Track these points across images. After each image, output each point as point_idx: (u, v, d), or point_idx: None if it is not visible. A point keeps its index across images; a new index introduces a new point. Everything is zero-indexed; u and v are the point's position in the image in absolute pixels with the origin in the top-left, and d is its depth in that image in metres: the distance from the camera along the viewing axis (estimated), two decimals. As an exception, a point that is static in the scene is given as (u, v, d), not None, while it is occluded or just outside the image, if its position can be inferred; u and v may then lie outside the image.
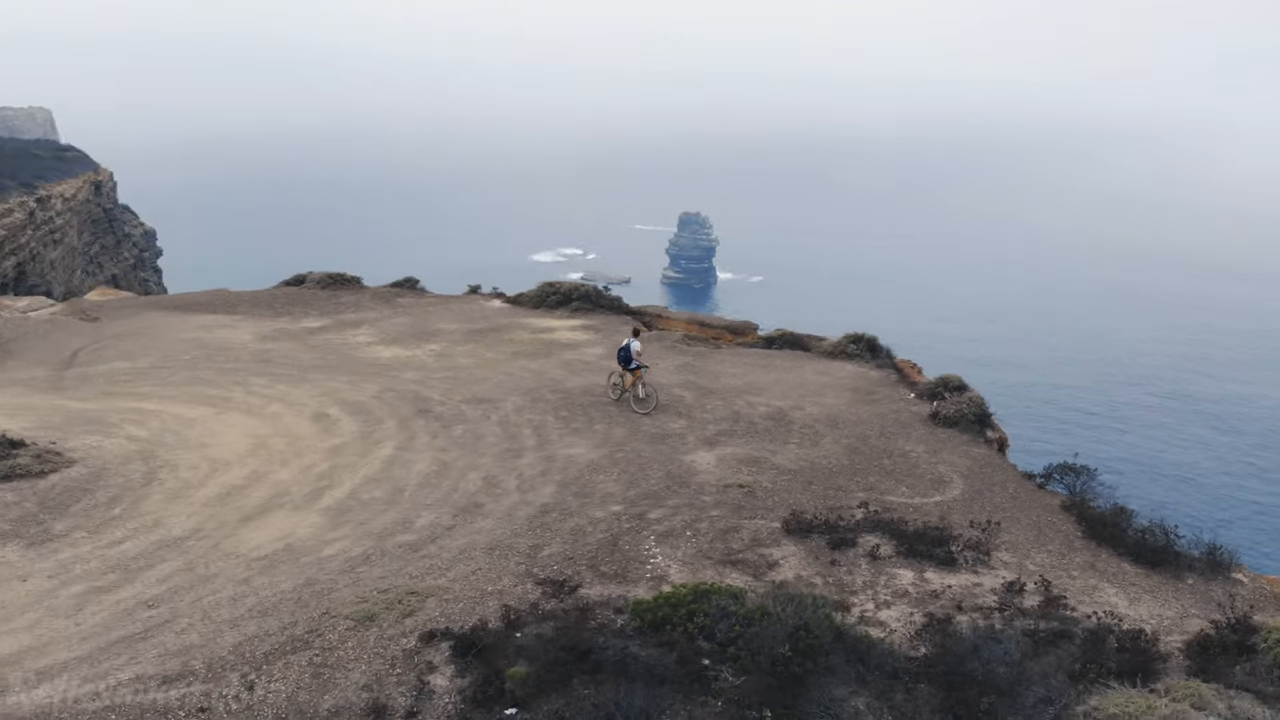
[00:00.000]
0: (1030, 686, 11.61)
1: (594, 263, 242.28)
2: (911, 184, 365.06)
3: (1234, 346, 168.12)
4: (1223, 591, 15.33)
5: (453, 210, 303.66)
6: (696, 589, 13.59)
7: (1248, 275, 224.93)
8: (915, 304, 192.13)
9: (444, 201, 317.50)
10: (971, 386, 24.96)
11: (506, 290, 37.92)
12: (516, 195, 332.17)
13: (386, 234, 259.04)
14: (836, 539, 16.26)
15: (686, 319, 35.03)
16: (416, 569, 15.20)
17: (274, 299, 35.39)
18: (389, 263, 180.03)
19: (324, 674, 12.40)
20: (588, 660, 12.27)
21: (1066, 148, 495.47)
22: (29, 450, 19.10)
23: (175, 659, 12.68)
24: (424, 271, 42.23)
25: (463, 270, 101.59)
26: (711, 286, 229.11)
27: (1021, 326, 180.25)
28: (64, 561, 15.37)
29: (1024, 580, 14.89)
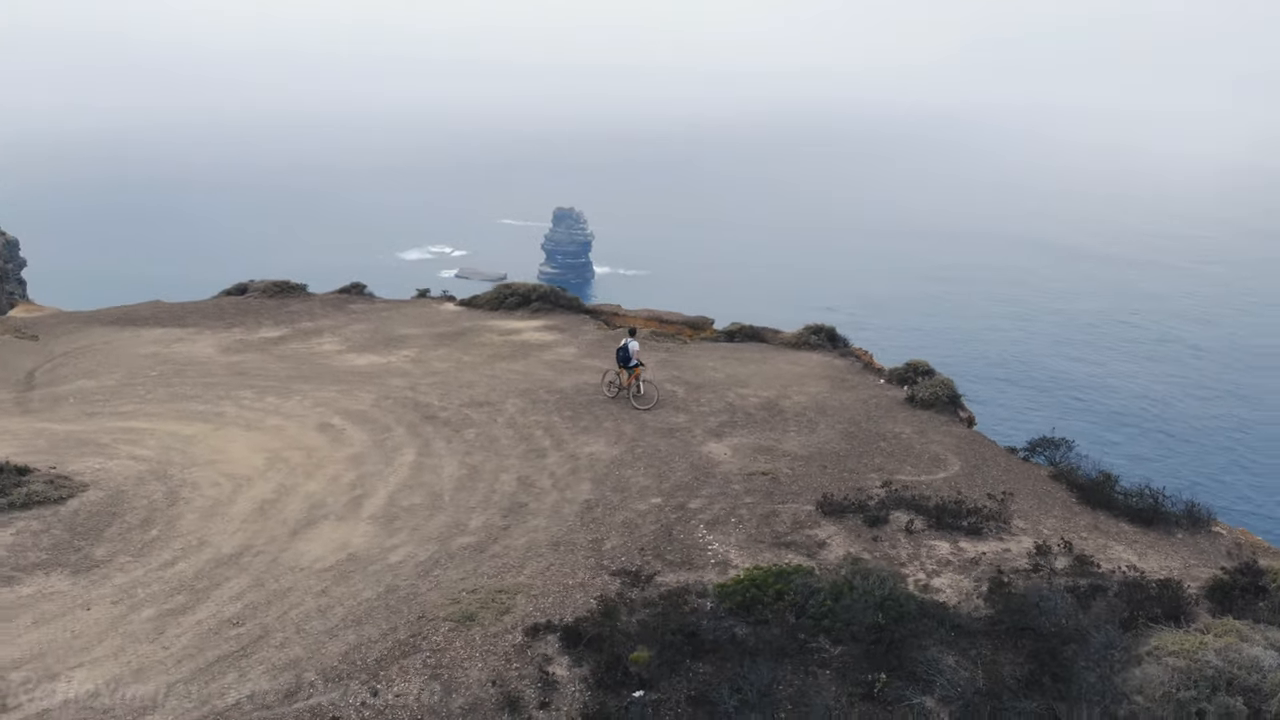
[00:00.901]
0: (1092, 634, 13.09)
1: (466, 259, 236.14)
2: (764, 174, 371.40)
3: (1085, 327, 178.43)
4: (1208, 544, 17.40)
5: (307, 209, 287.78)
6: (776, 570, 14.57)
7: (1082, 252, 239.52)
8: (787, 291, 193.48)
9: (297, 201, 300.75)
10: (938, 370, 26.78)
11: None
12: (369, 193, 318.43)
13: (239, 236, 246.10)
14: (870, 517, 17.53)
15: (645, 316, 35.88)
16: (490, 569, 15.61)
17: (221, 310, 34.28)
18: (253, 265, 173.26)
19: (442, 674, 12.78)
20: (695, 641, 13.08)
21: (894, 133, 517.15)
22: (39, 476, 18.39)
23: (286, 673, 12.80)
24: (295, 275, 40.78)
25: (335, 272, 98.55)
26: (589, 282, 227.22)
27: (895, 310, 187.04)
28: (122, 587, 15.05)
29: (1048, 543, 16.50)
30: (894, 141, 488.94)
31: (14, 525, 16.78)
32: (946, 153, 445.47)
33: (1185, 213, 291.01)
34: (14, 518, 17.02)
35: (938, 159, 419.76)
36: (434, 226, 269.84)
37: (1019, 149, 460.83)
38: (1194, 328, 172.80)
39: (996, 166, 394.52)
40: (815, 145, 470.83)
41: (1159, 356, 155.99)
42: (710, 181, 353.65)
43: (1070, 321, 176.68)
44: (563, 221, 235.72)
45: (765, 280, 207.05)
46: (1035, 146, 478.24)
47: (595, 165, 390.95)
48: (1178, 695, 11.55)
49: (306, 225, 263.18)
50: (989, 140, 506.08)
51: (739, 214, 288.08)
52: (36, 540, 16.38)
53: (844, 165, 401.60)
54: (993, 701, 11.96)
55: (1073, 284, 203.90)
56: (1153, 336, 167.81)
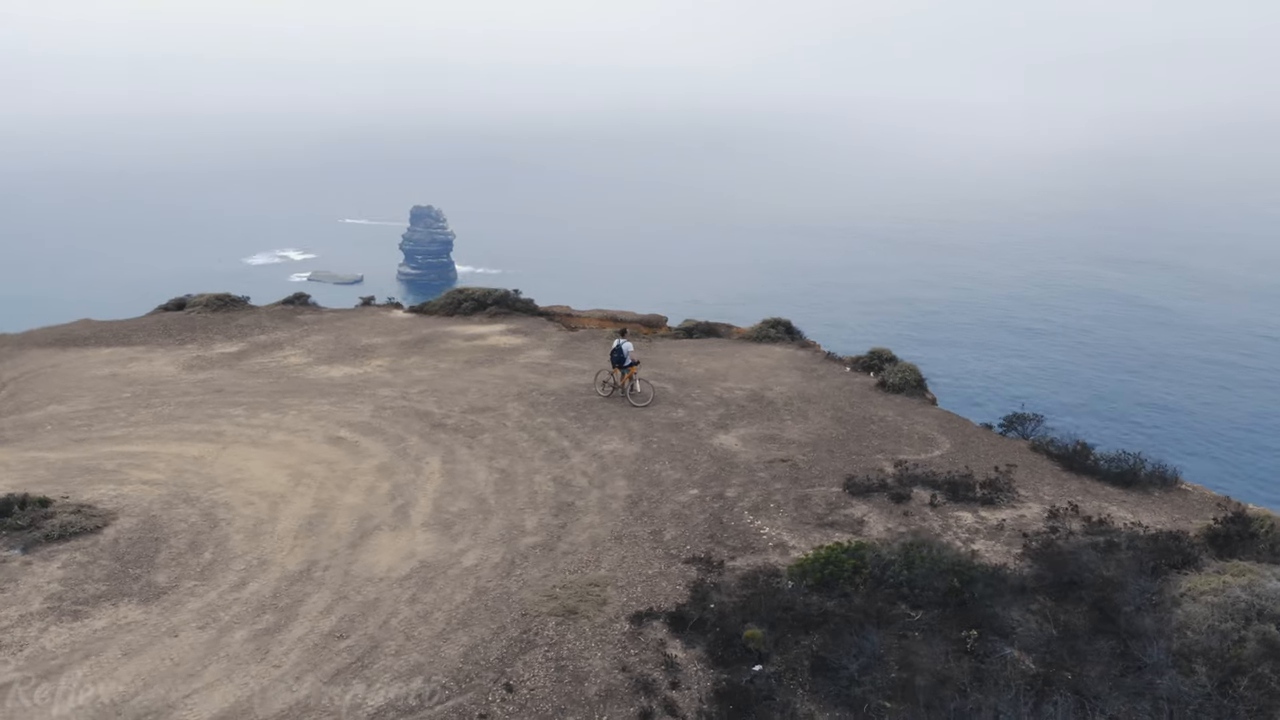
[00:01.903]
0: (1129, 583, 14.93)
1: (316, 263, 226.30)
2: (620, 169, 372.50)
3: (929, 314, 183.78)
4: (1182, 500, 19.77)
5: (140, 218, 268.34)
6: (845, 547, 15.82)
7: (941, 245, 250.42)
8: (650, 285, 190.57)
9: (129, 209, 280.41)
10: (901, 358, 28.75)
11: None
12: (204, 198, 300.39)
13: (75, 248, 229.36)
14: (894, 494, 19.06)
15: (599, 316, 36.61)
16: (568, 565, 16.23)
17: (165, 327, 32.88)
18: (97, 277, 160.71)
19: (567, 665, 13.42)
20: (794, 616, 14.18)
21: (762, 129, 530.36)
22: (64, 506, 17.71)
23: (414, 678, 13.15)
24: (140, 285, 39.15)
25: (188, 279, 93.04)
26: (452, 282, 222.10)
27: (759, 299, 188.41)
28: (201, 611, 14.88)
29: (1058, 507, 18.42)
30: (738, 136, 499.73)
31: (57, 559, 16.19)
32: (776, 147, 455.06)
33: (979, 198, 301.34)
34: (54, 550, 16.41)
35: (768, 153, 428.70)
36: (276, 230, 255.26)
37: (835, 141, 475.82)
38: (1021, 309, 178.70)
39: (821, 159, 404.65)
40: (666, 142, 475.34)
41: (1003, 343, 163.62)
42: (563, 178, 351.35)
43: (915, 310, 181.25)
44: (421, 220, 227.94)
45: (628, 274, 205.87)
46: (848, 138, 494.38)
47: (450, 162, 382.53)
48: (1220, 627, 13.43)
49: (142, 234, 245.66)
50: (812, 133, 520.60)
51: (595, 209, 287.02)
52: (88, 572, 15.89)
53: (691, 161, 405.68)
54: (1069, 644, 13.55)
55: (912, 273, 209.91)
56: (994, 322, 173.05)
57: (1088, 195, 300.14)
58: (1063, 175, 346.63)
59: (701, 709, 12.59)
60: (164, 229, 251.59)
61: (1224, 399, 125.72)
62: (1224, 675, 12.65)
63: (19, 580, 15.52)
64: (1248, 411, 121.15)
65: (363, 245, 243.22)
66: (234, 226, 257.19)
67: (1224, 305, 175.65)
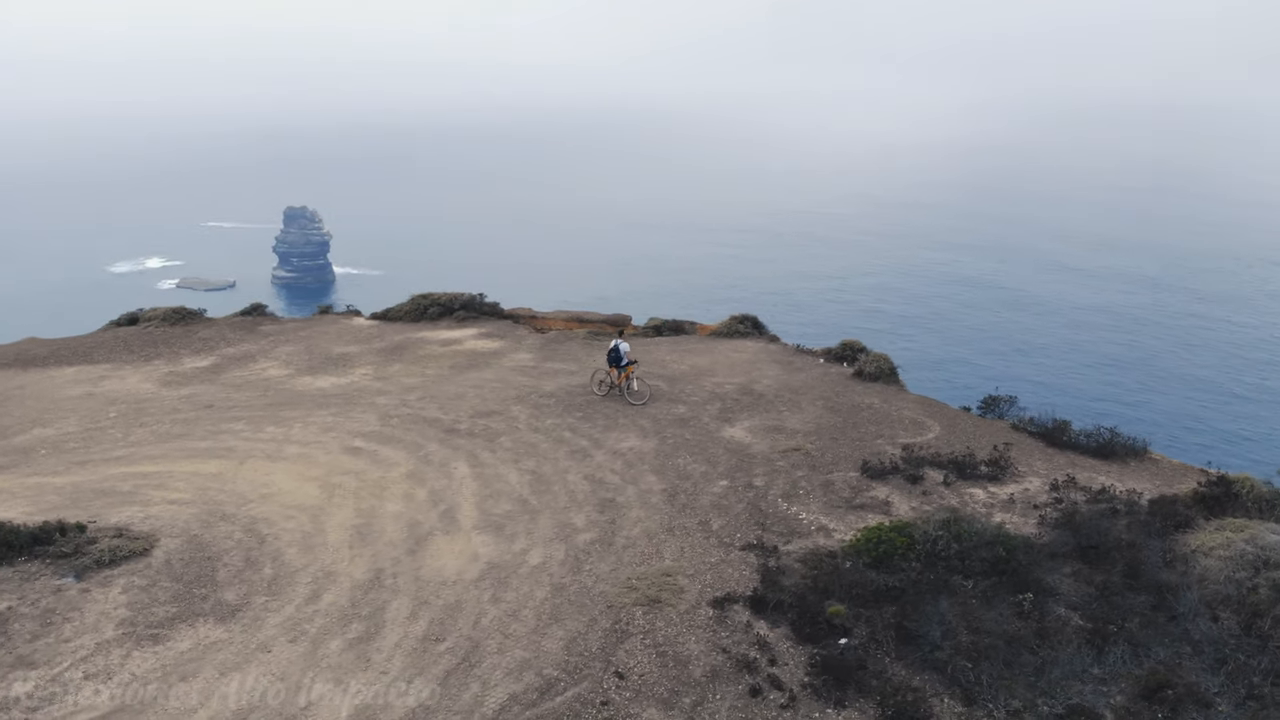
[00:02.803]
0: (1145, 543, 16.66)
1: (184, 269, 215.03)
2: (490, 168, 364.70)
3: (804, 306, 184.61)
4: (1155, 468, 21.87)
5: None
6: (891, 526, 17.06)
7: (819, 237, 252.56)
8: (535, 280, 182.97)
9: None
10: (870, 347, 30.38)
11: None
12: (53, 205, 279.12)
13: None
14: (909, 476, 20.48)
15: (565, 317, 37.10)
16: (632, 558, 16.94)
17: (125, 343, 31.67)
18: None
19: (667, 651, 14.19)
20: (864, 591, 15.31)
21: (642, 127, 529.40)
22: (103, 531, 17.32)
23: (526, 673, 13.69)
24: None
25: (48, 290, 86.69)
26: (330, 285, 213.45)
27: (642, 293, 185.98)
28: (285, 625, 14.96)
29: (1057, 480, 20.17)
30: (616, 134, 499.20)
31: (115, 584, 15.91)
32: (655, 144, 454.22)
33: (852, 191, 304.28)
34: (109, 576, 16.10)
35: (651, 150, 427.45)
36: (136, 237, 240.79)
37: (715, 138, 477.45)
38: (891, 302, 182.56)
39: (699, 155, 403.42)
40: (548, 140, 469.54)
41: (875, 328, 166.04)
42: (448, 176, 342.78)
43: (785, 299, 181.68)
44: (295, 221, 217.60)
45: (518, 272, 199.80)
46: (729, 134, 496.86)
47: (327, 161, 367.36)
48: (1235, 577, 15.24)
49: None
50: (692, 130, 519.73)
51: (481, 207, 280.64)
52: (151, 595, 15.68)
53: (572, 158, 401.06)
54: (1108, 600, 15.11)
55: (793, 265, 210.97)
56: (863, 309, 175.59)
57: (948, 185, 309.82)
58: (930, 167, 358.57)
59: (803, 681, 13.56)
60: (18, 237, 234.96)
61: (1076, 375, 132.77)
62: (1246, 619, 14.40)
63: (83, 608, 15.21)
64: (1099, 381, 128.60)
65: (232, 250, 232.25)
66: (83, 238, 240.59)
67: (1070, 286, 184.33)
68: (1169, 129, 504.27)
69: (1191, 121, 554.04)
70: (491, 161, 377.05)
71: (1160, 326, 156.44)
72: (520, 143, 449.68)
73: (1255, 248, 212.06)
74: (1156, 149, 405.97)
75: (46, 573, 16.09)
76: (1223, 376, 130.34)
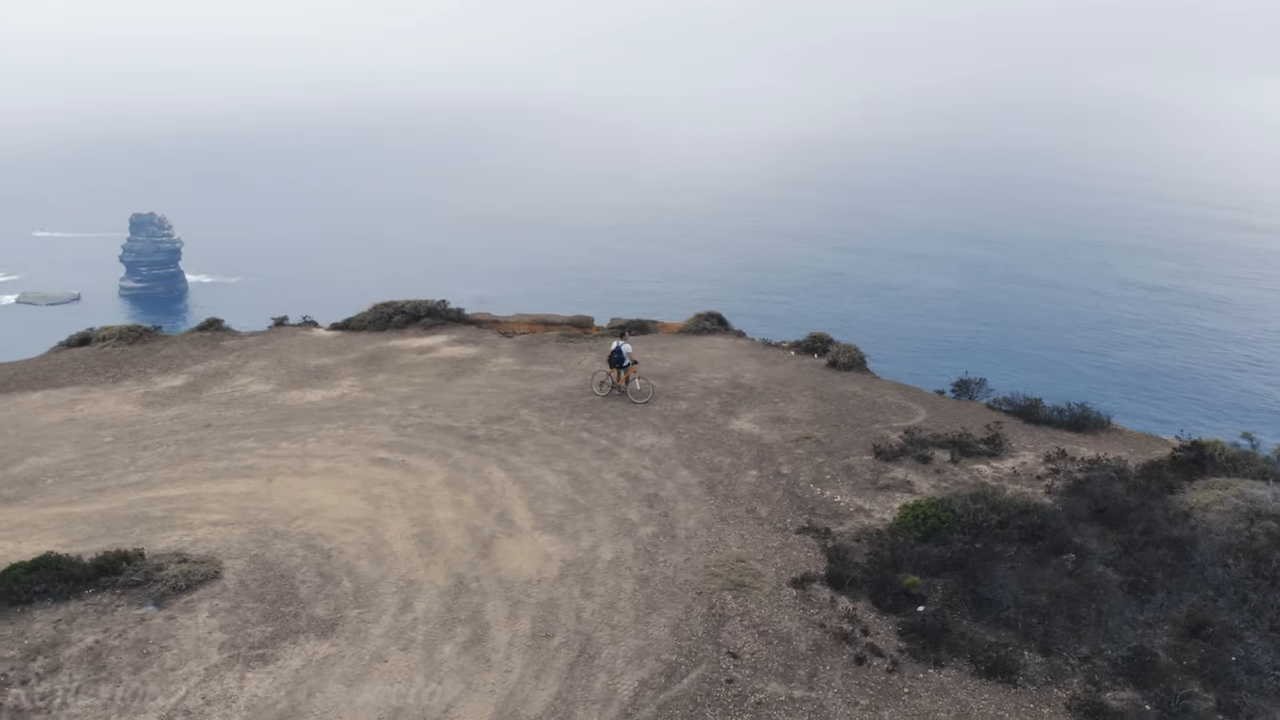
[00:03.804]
0: (1148, 504, 18.77)
1: (25, 283, 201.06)
2: (357, 170, 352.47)
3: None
4: (1122, 438, 24.29)
5: None
6: (930, 503, 18.60)
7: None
8: (398, 283, 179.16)
9: None
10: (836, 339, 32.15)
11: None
12: None
13: None
14: (918, 456, 22.17)
15: (529, 320, 37.46)
16: (699, 547, 17.90)
17: (85, 364, 30.20)
18: None
19: (766, 629, 15.26)
20: (929, 563, 16.77)
21: (492, 129, 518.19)
22: (164, 557, 17.02)
23: (646, 660, 14.51)
24: None
25: None
26: (183, 294, 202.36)
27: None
28: (390, 635, 15.23)
29: (1050, 452, 22.24)
30: (490, 134, 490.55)
31: (199, 609, 15.75)
32: (531, 144, 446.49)
33: (726, 189, 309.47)
34: (190, 601, 15.92)
35: (523, 151, 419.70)
36: None
37: (590, 139, 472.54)
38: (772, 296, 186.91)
39: (573, 154, 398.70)
40: (407, 142, 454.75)
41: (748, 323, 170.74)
42: (307, 179, 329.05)
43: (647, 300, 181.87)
44: (143, 229, 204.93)
45: (383, 276, 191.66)
46: (601, 136, 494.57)
47: (173, 169, 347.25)
48: (1234, 528, 17.45)
49: None
50: (559, 132, 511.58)
51: (343, 211, 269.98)
52: (241, 617, 15.63)
53: (442, 161, 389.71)
54: (1135, 555, 17.06)
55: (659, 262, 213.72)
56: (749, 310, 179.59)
57: (815, 181, 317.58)
58: (794, 162, 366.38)
59: (899, 647, 14.87)
60: None
61: (932, 360, 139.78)
62: (1253, 563, 16.58)
63: (176, 635, 15.06)
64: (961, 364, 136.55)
65: (71, 261, 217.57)
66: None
67: (927, 276, 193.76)
68: (1044, 120, 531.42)
69: (1058, 112, 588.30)
70: (355, 164, 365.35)
71: (1004, 308, 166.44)
72: (386, 145, 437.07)
73: (1082, 231, 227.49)
74: (1029, 139, 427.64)
75: (122, 603, 15.77)
76: (1064, 356, 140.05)
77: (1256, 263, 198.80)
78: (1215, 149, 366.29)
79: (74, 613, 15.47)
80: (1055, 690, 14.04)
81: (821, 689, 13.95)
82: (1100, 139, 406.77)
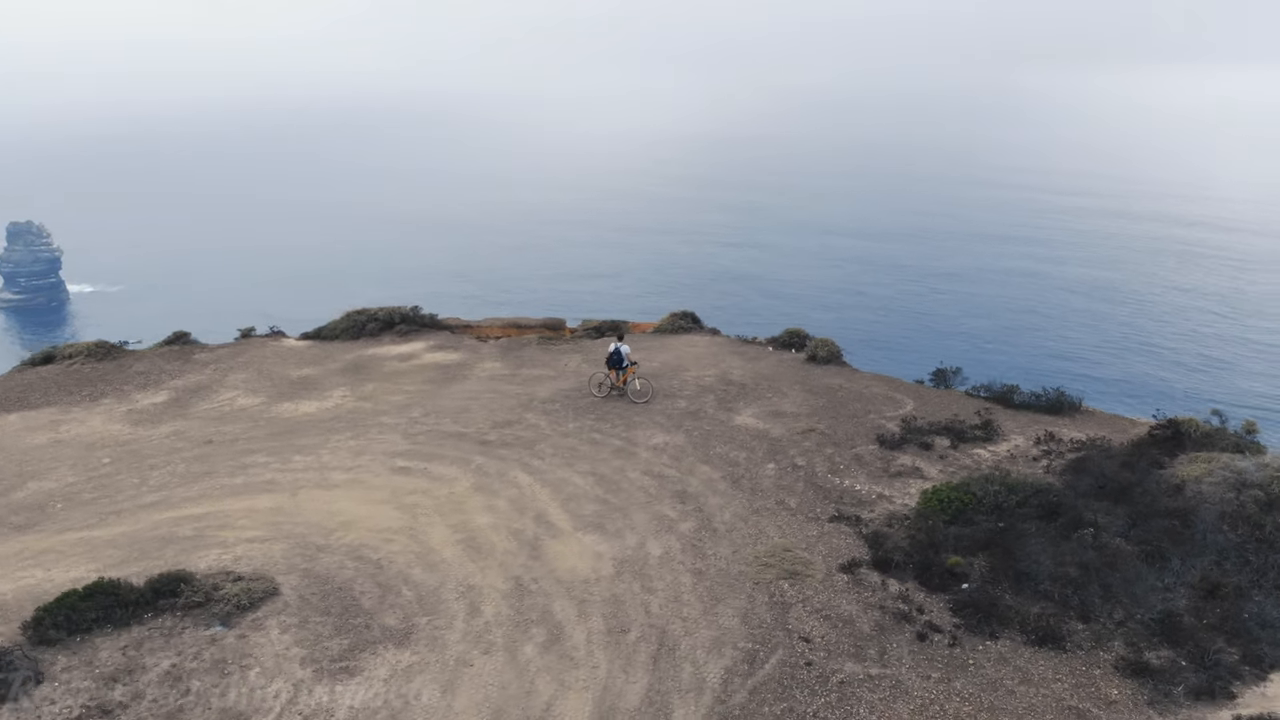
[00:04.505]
0: (1143, 479, 20.37)
1: None
2: (252, 174, 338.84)
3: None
4: (1094, 419, 26.07)
5: None
6: (950, 487, 19.78)
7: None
8: (317, 293, 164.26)
9: None
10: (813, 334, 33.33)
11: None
12: None
13: None
14: (920, 444, 23.42)
15: (501, 324, 37.54)
16: (741, 540, 18.66)
17: (58, 383, 28.94)
18: None
19: (829, 613, 16.14)
20: (965, 543, 17.91)
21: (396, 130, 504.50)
22: (218, 577, 16.83)
23: (724, 649, 15.20)
24: None
25: None
26: (64, 304, 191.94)
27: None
28: (469, 640, 15.50)
29: (1039, 435, 23.76)
30: (393, 135, 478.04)
31: (267, 626, 15.70)
32: (440, 145, 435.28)
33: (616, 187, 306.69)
34: (257, 619, 15.83)
35: (419, 153, 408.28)
36: None
37: (489, 139, 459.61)
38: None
39: (468, 156, 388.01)
40: (319, 146, 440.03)
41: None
42: (195, 185, 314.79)
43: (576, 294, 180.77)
44: (20, 238, 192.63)
45: (279, 281, 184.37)
46: (499, 136, 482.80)
47: (52, 175, 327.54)
48: (1225, 497, 19.12)
49: None
50: (466, 132, 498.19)
51: (237, 216, 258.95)
52: (313, 631, 15.64)
53: (343, 163, 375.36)
54: (1142, 526, 18.54)
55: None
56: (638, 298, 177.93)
57: (702, 179, 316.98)
58: (680, 159, 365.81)
59: (954, 622, 15.93)
60: None
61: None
62: (1249, 529, 18.24)
63: (253, 653, 15.00)
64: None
65: None
66: None
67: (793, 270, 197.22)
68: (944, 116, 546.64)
69: (938, 109, 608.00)
70: (251, 168, 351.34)
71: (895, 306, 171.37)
72: (284, 148, 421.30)
73: (973, 223, 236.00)
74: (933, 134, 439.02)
75: (187, 625, 15.59)
76: (968, 344, 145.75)
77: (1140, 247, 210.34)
78: (1102, 141, 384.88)
79: (138, 638, 15.23)
80: (1100, 653, 15.30)
81: (894, 665, 14.88)
82: (997, 135, 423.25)
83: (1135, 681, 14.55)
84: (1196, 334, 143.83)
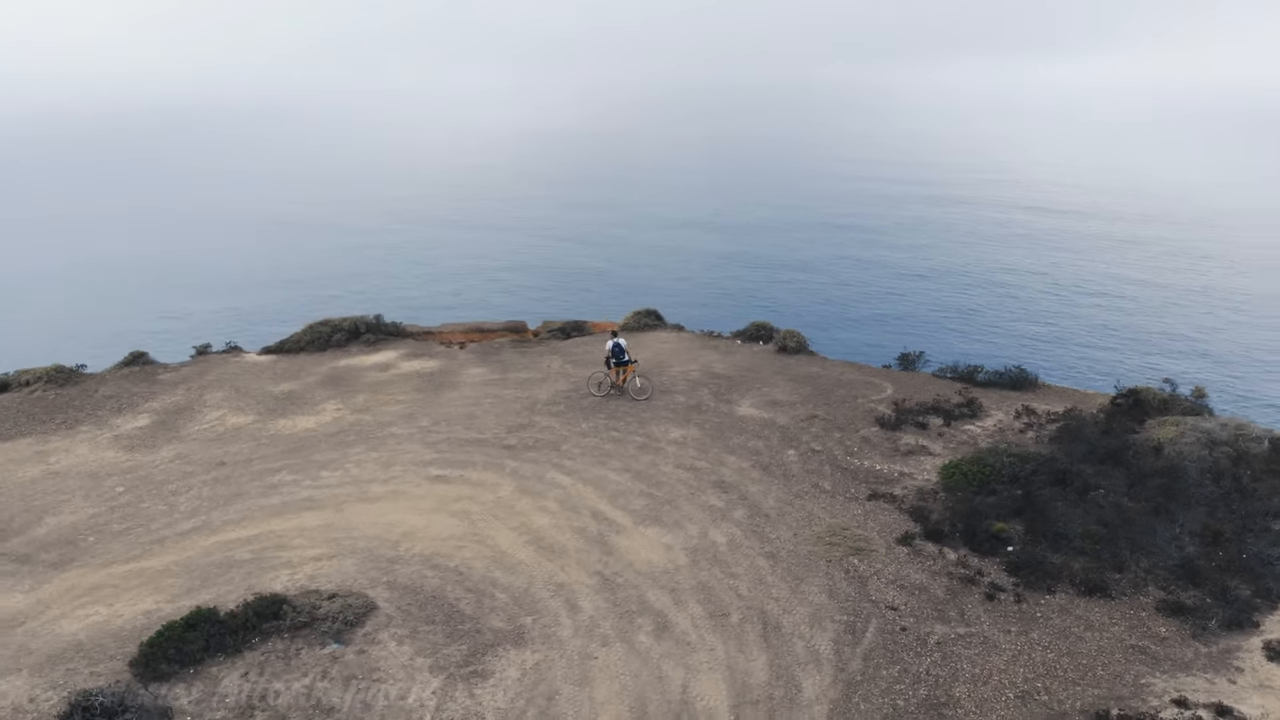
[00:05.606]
0: (1127, 441, 22.86)
1: None
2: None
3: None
4: (1053, 392, 28.72)
5: None
6: (967, 460, 21.67)
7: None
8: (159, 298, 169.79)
9: None
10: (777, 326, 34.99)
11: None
12: None
13: None
14: (916, 424, 25.33)
15: (464, 328, 37.46)
16: (796, 522, 19.93)
17: (22, 412, 27.06)
18: None
19: (902, 583, 17.62)
20: (996, 511, 19.77)
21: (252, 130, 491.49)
22: (314, 596, 16.80)
23: (823, 624, 16.45)
24: None
25: None
26: None
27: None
28: (581, 633, 16.13)
29: (1018, 410, 26.10)
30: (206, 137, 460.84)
31: (381, 639, 15.87)
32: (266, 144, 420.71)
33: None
34: (368, 634, 15.97)
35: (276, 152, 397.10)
36: None
37: (334, 135, 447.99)
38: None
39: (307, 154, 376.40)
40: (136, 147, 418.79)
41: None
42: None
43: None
44: None
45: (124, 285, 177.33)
46: (347, 132, 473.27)
47: None
48: (1199, 454, 21.77)
49: None
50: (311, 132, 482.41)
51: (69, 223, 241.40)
52: (428, 641, 15.92)
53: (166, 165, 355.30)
54: (1135, 484, 20.91)
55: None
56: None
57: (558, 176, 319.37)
58: (544, 154, 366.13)
59: (1012, 581, 17.69)
60: None
61: None
62: (1229, 482, 20.86)
63: (380, 666, 15.20)
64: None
65: None
66: None
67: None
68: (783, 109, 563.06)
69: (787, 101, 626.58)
70: (93, 174, 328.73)
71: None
72: (124, 151, 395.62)
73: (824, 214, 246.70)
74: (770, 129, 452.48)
75: (301, 646, 15.59)
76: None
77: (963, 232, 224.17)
78: (928, 131, 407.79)
79: (255, 662, 15.16)
80: (1140, 598, 17.38)
81: (976, 624, 16.49)
82: (840, 126, 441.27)
83: (1177, 620, 16.67)
84: (1027, 311, 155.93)
